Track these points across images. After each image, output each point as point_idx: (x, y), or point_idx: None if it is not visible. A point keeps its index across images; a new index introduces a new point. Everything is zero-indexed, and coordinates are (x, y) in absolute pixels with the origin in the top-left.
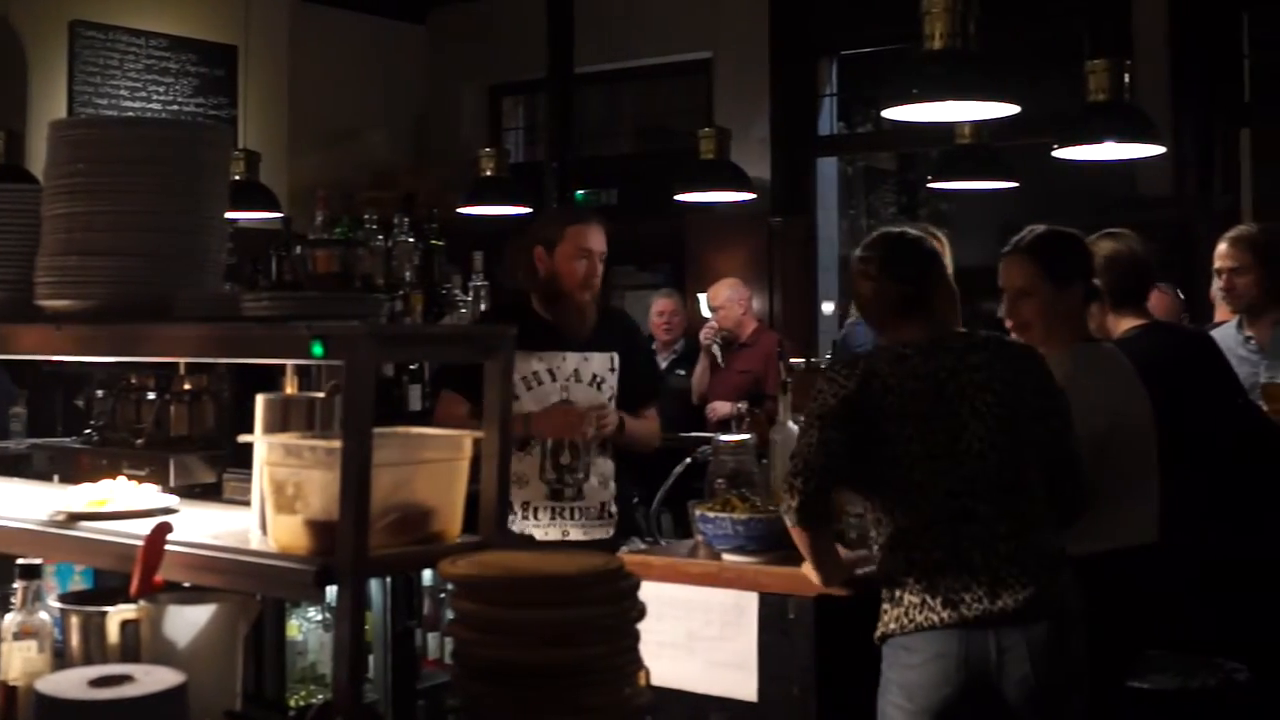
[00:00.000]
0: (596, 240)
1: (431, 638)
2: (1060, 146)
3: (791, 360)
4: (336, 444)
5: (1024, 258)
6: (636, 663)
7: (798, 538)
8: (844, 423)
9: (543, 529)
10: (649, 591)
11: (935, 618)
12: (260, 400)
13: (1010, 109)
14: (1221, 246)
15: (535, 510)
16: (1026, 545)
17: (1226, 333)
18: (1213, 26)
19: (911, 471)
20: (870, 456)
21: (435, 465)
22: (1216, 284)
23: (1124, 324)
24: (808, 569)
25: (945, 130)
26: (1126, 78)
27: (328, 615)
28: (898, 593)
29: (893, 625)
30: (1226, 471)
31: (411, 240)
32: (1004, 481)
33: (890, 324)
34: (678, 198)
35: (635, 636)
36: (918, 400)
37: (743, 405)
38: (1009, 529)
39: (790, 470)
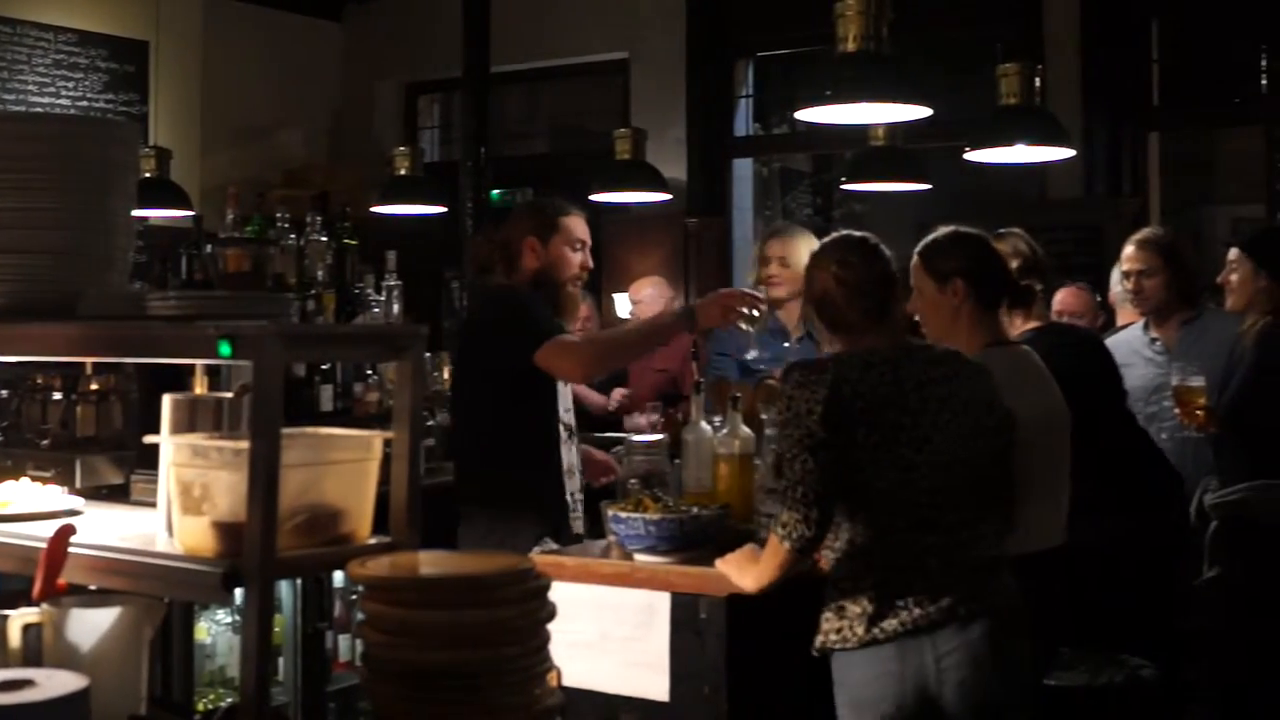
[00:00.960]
0: (586, 230)
1: (343, 640)
2: (972, 149)
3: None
4: (244, 445)
5: (916, 258)
6: (547, 663)
7: (783, 561)
8: (829, 437)
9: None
10: (561, 592)
11: (878, 630)
12: (167, 400)
13: (923, 112)
14: (1129, 249)
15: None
16: (975, 554)
17: (1133, 335)
18: (1123, 32)
19: (876, 480)
20: (841, 460)
21: (345, 466)
22: (1124, 286)
23: (1016, 325)
24: (734, 573)
25: (859, 132)
26: (1037, 82)
27: (237, 618)
28: (844, 602)
29: (834, 638)
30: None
31: (324, 239)
32: (961, 494)
33: (857, 330)
34: (593, 198)
35: (546, 637)
36: (885, 409)
37: (656, 418)
38: (966, 538)
39: (798, 500)
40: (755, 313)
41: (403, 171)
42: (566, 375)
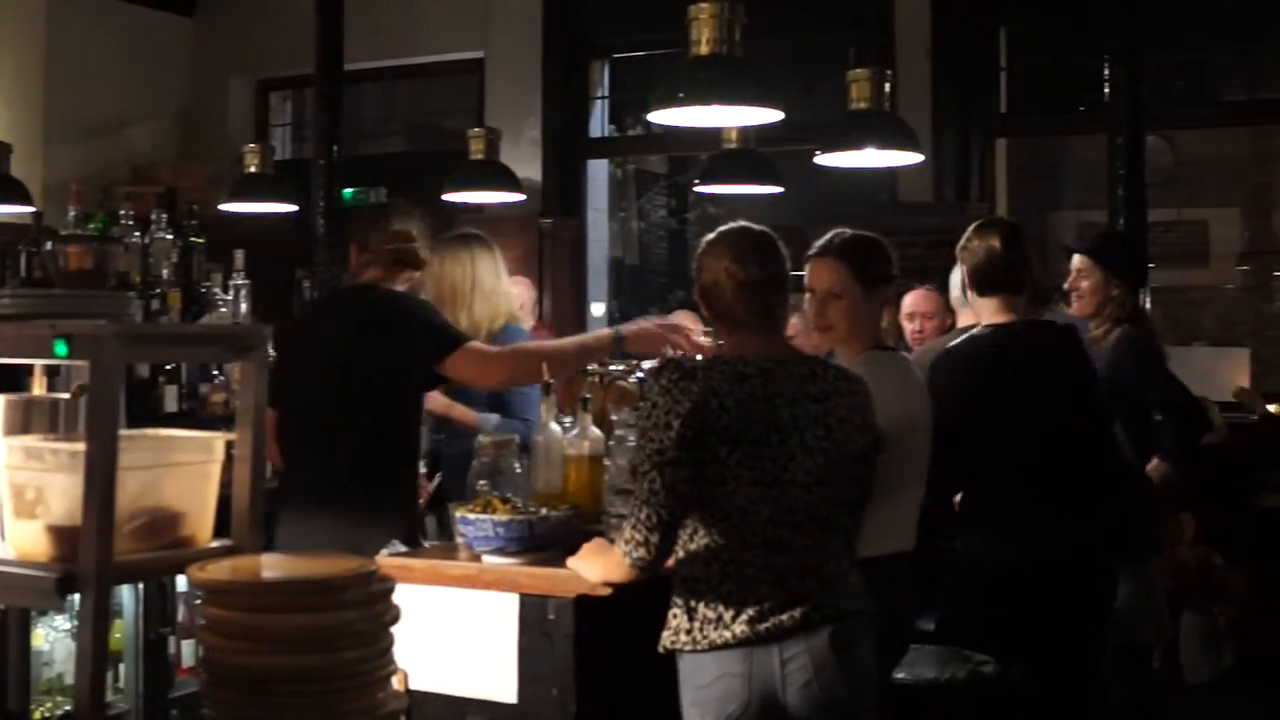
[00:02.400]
0: None
1: (187, 645)
2: (823, 153)
3: None
4: (80, 447)
5: (835, 260)
6: (391, 666)
7: (625, 574)
8: (681, 454)
9: None
10: (409, 594)
11: (728, 634)
12: (0, 401)
13: (775, 115)
14: None
15: None
16: (829, 569)
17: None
18: (972, 40)
19: (736, 495)
20: (697, 475)
21: (185, 468)
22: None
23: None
24: (583, 566)
25: (714, 135)
26: (887, 87)
27: (76, 624)
28: (695, 603)
29: (684, 638)
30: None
31: (170, 237)
32: (822, 515)
33: (742, 327)
34: (447, 198)
35: (390, 640)
36: (752, 425)
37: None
38: (819, 559)
39: (641, 521)
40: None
41: (253, 169)
42: (484, 383)
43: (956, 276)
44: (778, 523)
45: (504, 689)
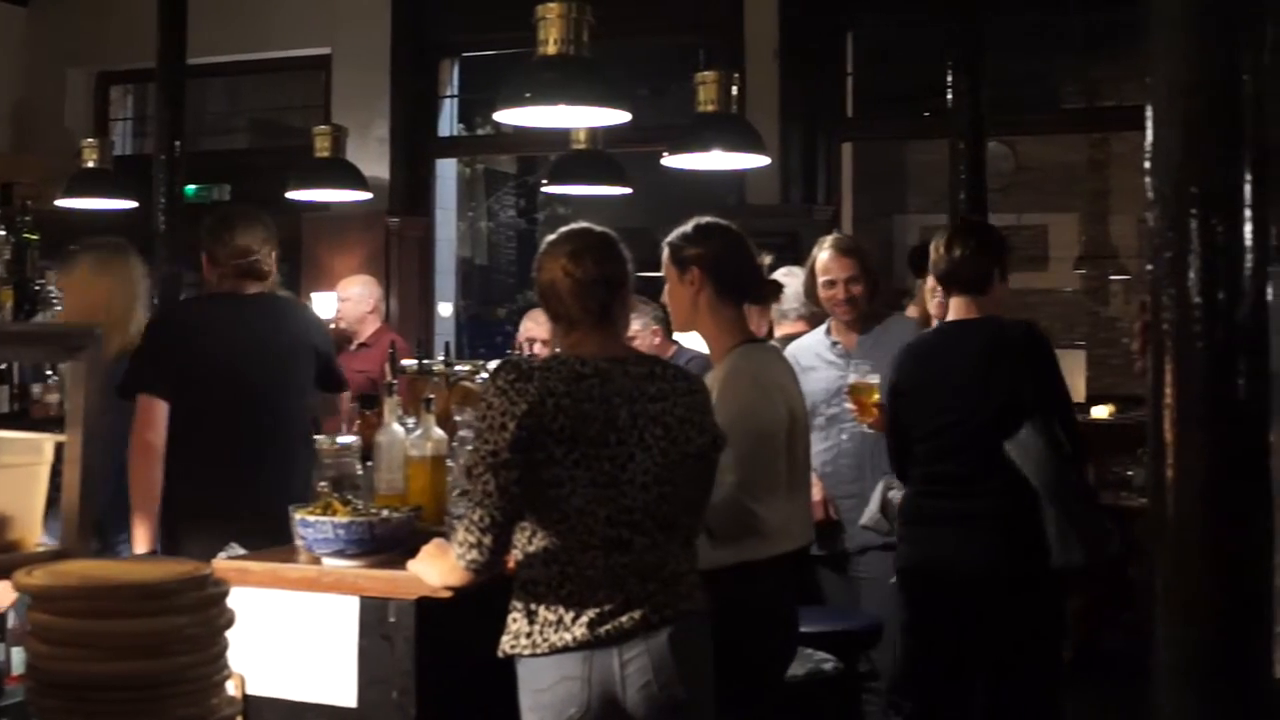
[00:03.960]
0: None
1: (16, 653)
2: (670, 154)
3: (404, 362)
4: None
5: (665, 246)
6: (226, 671)
7: (463, 580)
8: (516, 456)
9: None
10: (247, 598)
11: (569, 637)
12: None
13: (622, 116)
14: (830, 256)
15: None
16: (669, 570)
17: (815, 339)
18: (819, 44)
19: (573, 496)
20: (534, 477)
21: (11, 470)
22: (823, 293)
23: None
24: (424, 569)
25: (563, 135)
26: (734, 90)
27: None
28: (535, 606)
29: (524, 642)
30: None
31: (3, 233)
32: (661, 516)
33: (579, 327)
34: (292, 195)
35: (224, 645)
36: (589, 425)
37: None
38: (658, 559)
39: (474, 522)
40: None
41: (91, 164)
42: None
43: (789, 286)
44: (616, 523)
45: (343, 693)
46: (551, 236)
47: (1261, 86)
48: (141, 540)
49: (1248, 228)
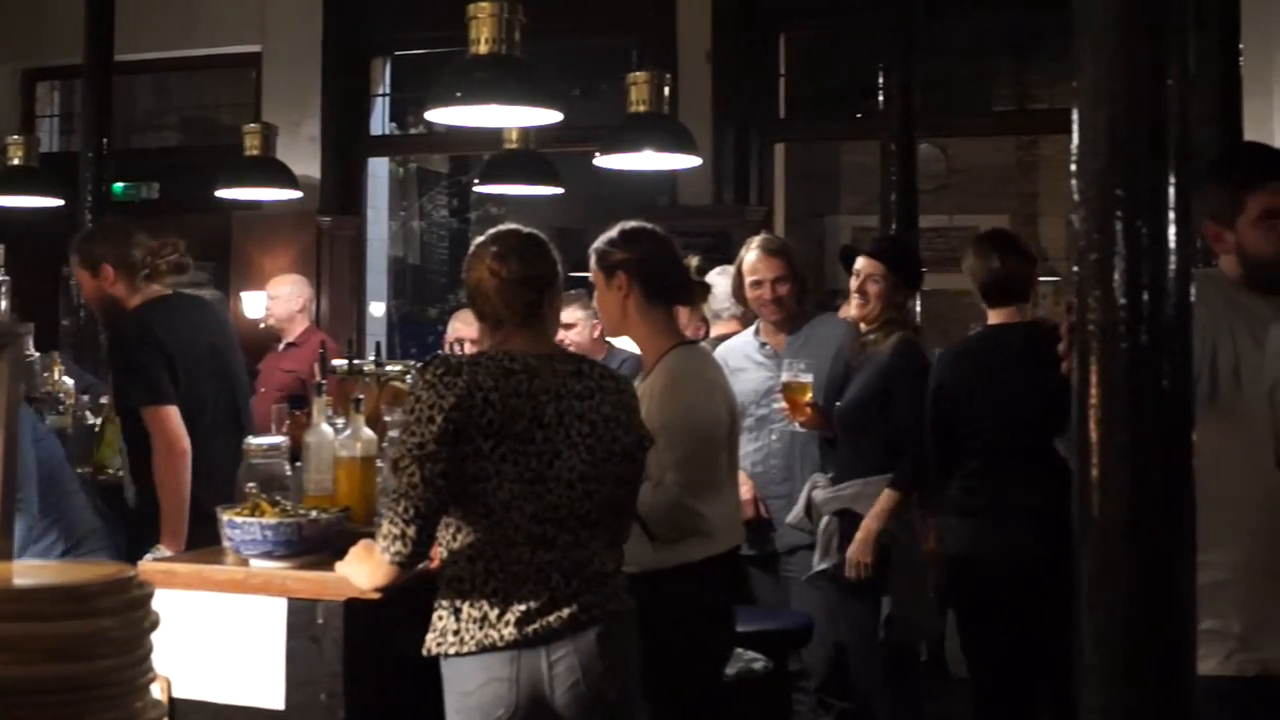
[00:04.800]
0: None
1: None
2: (602, 154)
3: (334, 362)
4: None
5: (591, 252)
6: (150, 674)
7: (389, 576)
8: (442, 449)
9: None
10: (174, 600)
11: (495, 635)
12: None
13: (554, 116)
14: (758, 257)
15: None
16: (595, 569)
17: (744, 339)
18: (752, 45)
19: (499, 491)
20: (460, 471)
21: None
22: (752, 293)
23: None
24: (352, 571)
25: (495, 134)
26: (666, 91)
27: None
28: (460, 603)
29: (451, 639)
30: None
31: None
32: (586, 514)
33: (506, 326)
34: (221, 194)
35: (149, 647)
36: (516, 420)
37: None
38: (584, 557)
39: (399, 514)
40: None
41: (16, 161)
42: None
43: (721, 286)
44: (542, 519)
45: (271, 695)
46: (480, 238)
47: (1186, 90)
48: (175, 549)
49: (1172, 230)
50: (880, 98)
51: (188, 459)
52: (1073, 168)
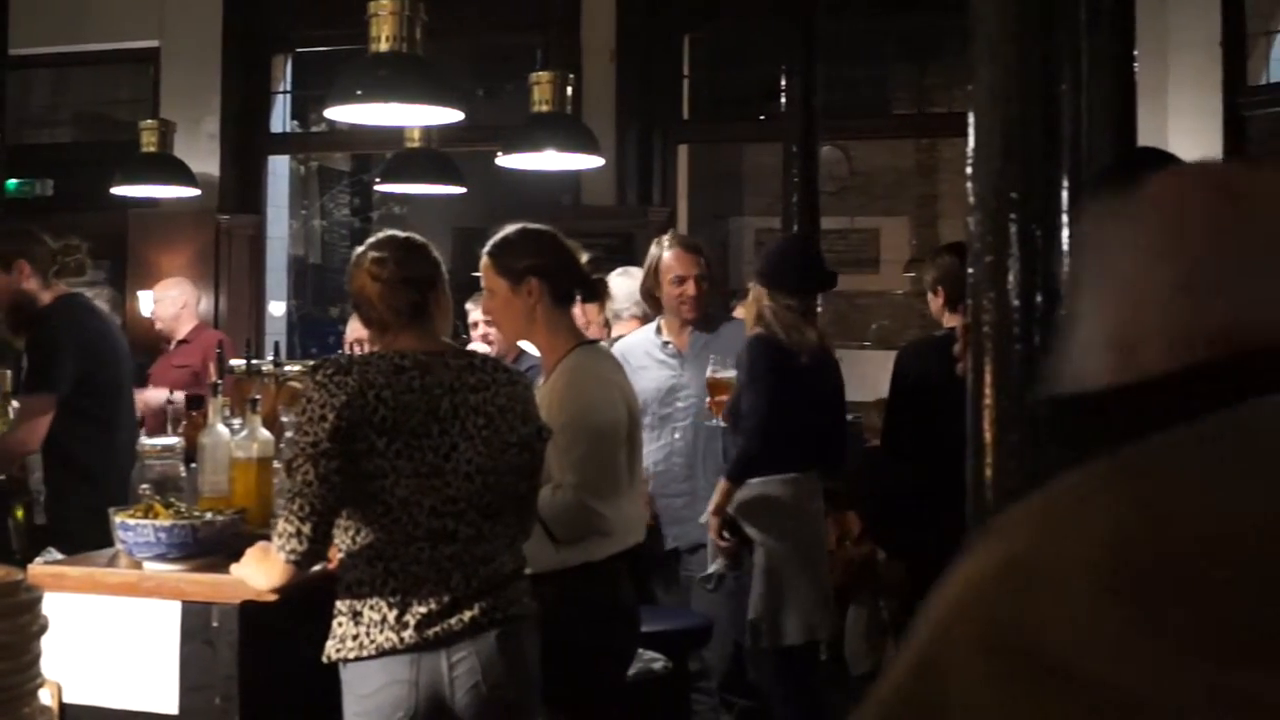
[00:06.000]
0: None
1: None
2: (504, 154)
3: (231, 362)
4: None
5: (485, 256)
6: (39, 680)
7: (286, 576)
8: (335, 446)
9: None
10: (65, 604)
11: (395, 638)
12: None
13: (455, 115)
14: (677, 254)
15: None
16: (495, 566)
17: (645, 337)
18: (656, 46)
19: (396, 487)
20: (355, 469)
21: None
22: (673, 291)
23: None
24: (249, 572)
25: (397, 133)
26: (569, 90)
27: None
28: (359, 606)
29: (350, 644)
30: None
31: None
32: (486, 505)
33: (391, 329)
34: (117, 191)
35: (37, 652)
36: (410, 416)
37: (178, 396)
38: (486, 552)
39: (294, 512)
40: None
41: None
42: None
43: (624, 286)
44: (441, 513)
45: (164, 699)
46: (359, 247)
47: (1079, 95)
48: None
49: (1064, 233)
50: (783, 100)
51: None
52: (968, 171)
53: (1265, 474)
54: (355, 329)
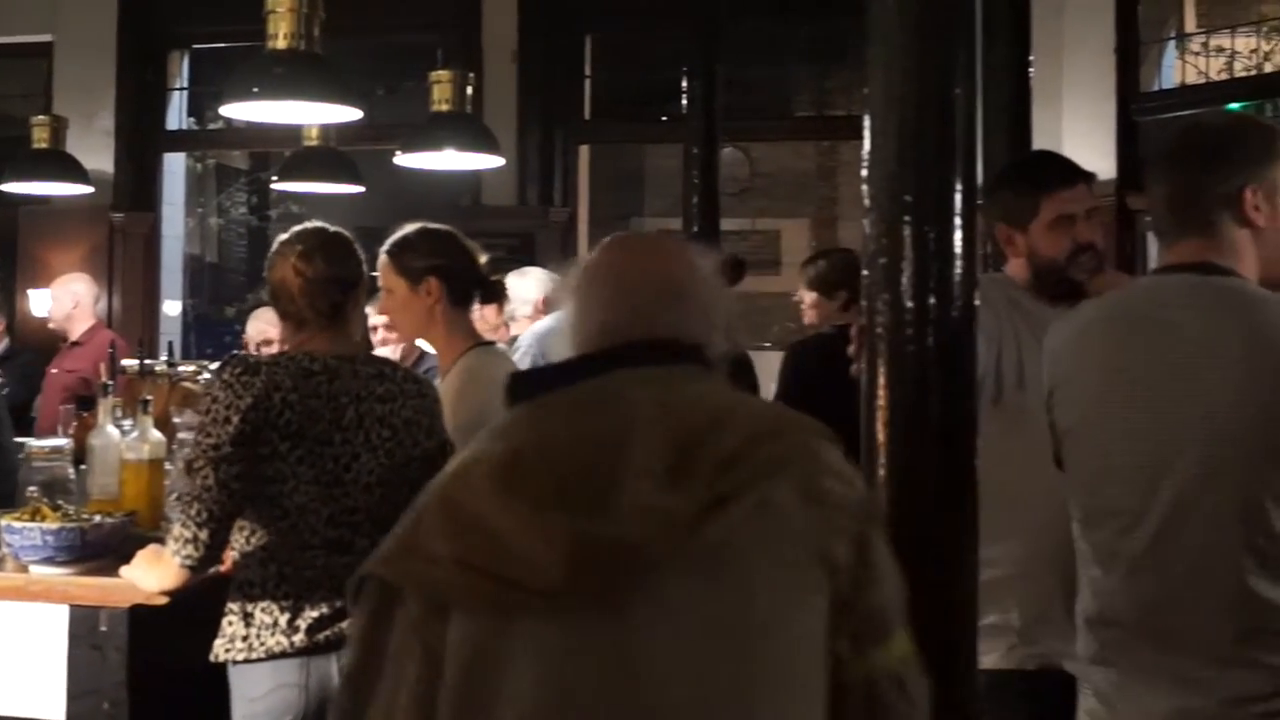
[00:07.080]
0: None
1: None
2: (403, 153)
3: (124, 362)
4: None
5: (383, 256)
6: None
7: (179, 579)
8: (238, 450)
9: None
10: None
11: (286, 642)
12: None
13: (354, 113)
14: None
15: None
16: None
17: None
18: (558, 46)
19: (295, 493)
20: (255, 472)
21: None
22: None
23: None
24: (140, 575)
25: (296, 131)
26: (469, 90)
27: None
28: (250, 608)
29: (240, 645)
30: None
31: None
32: (383, 518)
33: (308, 326)
34: (7, 188)
35: None
36: (314, 422)
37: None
38: None
39: (191, 516)
40: None
41: None
42: None
43: (522, 288)
44: (338, 523)
45: (51, 705)
46: (283, 235)
47: (974, 98)
48: None
49: (958, 235)
50: (684, 101)
51: None
52: (864, 173)
53: (569, 412)
54: (263, 329)
